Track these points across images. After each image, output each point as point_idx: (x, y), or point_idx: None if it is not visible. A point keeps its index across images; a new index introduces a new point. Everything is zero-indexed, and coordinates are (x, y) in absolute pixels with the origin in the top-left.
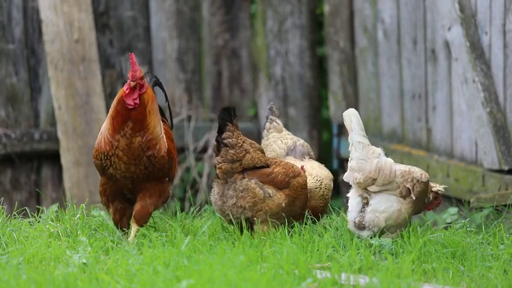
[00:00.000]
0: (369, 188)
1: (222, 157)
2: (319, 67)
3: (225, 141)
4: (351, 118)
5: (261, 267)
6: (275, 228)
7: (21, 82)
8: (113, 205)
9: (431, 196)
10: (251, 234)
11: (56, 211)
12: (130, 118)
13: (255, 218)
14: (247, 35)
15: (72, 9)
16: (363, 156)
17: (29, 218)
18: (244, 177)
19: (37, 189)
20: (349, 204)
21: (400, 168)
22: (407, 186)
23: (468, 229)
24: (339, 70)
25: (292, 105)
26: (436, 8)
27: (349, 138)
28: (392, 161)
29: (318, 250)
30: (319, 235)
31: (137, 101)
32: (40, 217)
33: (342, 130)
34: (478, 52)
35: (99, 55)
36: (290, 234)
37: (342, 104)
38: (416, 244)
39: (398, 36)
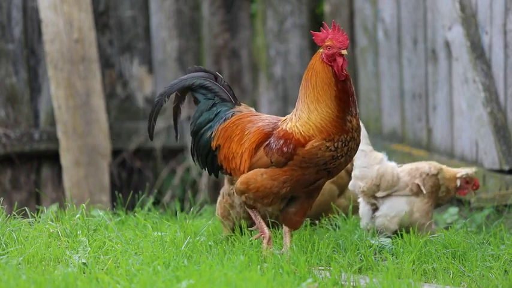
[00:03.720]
0: (376, 194)
1: None
2: None
3: None
4: None
5: (261, 267)
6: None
7: (20, 82)
8: (279, 204)
9: (458, 182)
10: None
11: (56, 211)
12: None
13: None
14: (247, 34)
15: (72, 9)
16: (365, 163)
17: (28, 218)
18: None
19: (37, 189)
20: (359, 210)
21: (407, 167)
22: (416, 182)
23: (469, 229)
24: None
25: (293, 105)
26: (436, 7)
27: None
28: (395, 164)
29: (318, 250)
30: (319, 235)
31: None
32: (40, 217)
33: None
34: (479, 52)
35: (99, 55)
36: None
37: None
38: (417, 244)
39: (399, 36)
